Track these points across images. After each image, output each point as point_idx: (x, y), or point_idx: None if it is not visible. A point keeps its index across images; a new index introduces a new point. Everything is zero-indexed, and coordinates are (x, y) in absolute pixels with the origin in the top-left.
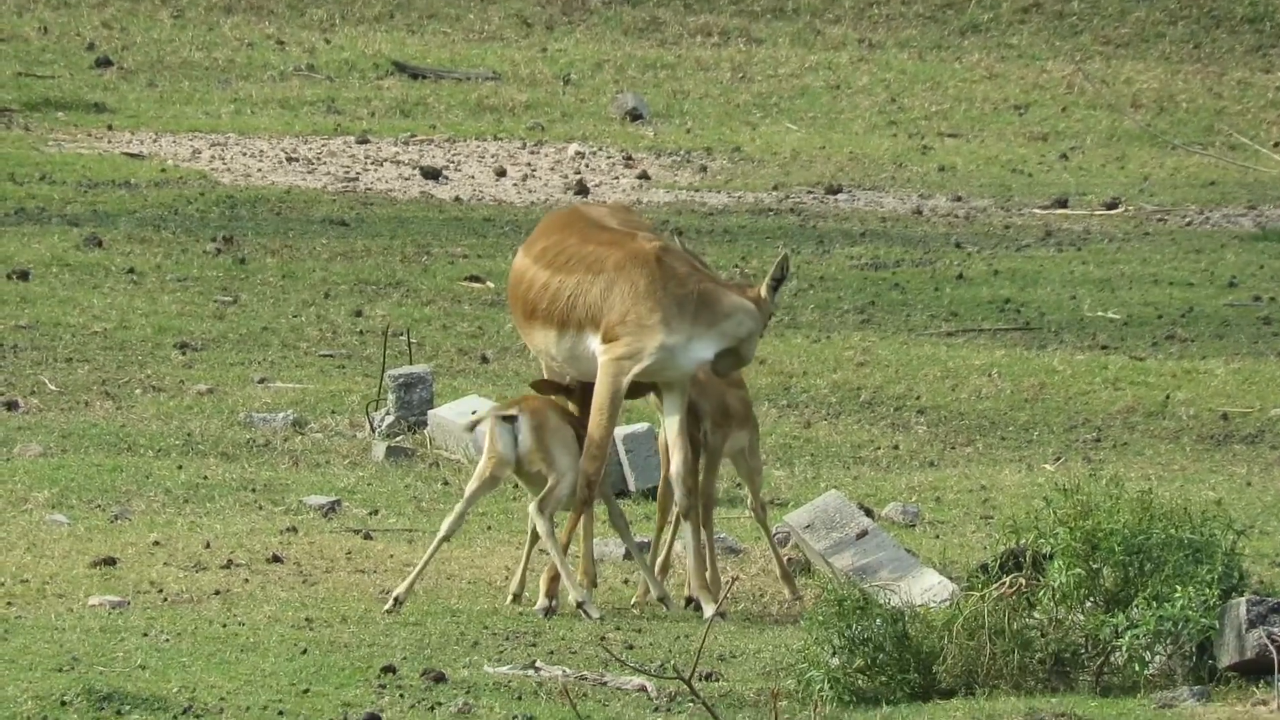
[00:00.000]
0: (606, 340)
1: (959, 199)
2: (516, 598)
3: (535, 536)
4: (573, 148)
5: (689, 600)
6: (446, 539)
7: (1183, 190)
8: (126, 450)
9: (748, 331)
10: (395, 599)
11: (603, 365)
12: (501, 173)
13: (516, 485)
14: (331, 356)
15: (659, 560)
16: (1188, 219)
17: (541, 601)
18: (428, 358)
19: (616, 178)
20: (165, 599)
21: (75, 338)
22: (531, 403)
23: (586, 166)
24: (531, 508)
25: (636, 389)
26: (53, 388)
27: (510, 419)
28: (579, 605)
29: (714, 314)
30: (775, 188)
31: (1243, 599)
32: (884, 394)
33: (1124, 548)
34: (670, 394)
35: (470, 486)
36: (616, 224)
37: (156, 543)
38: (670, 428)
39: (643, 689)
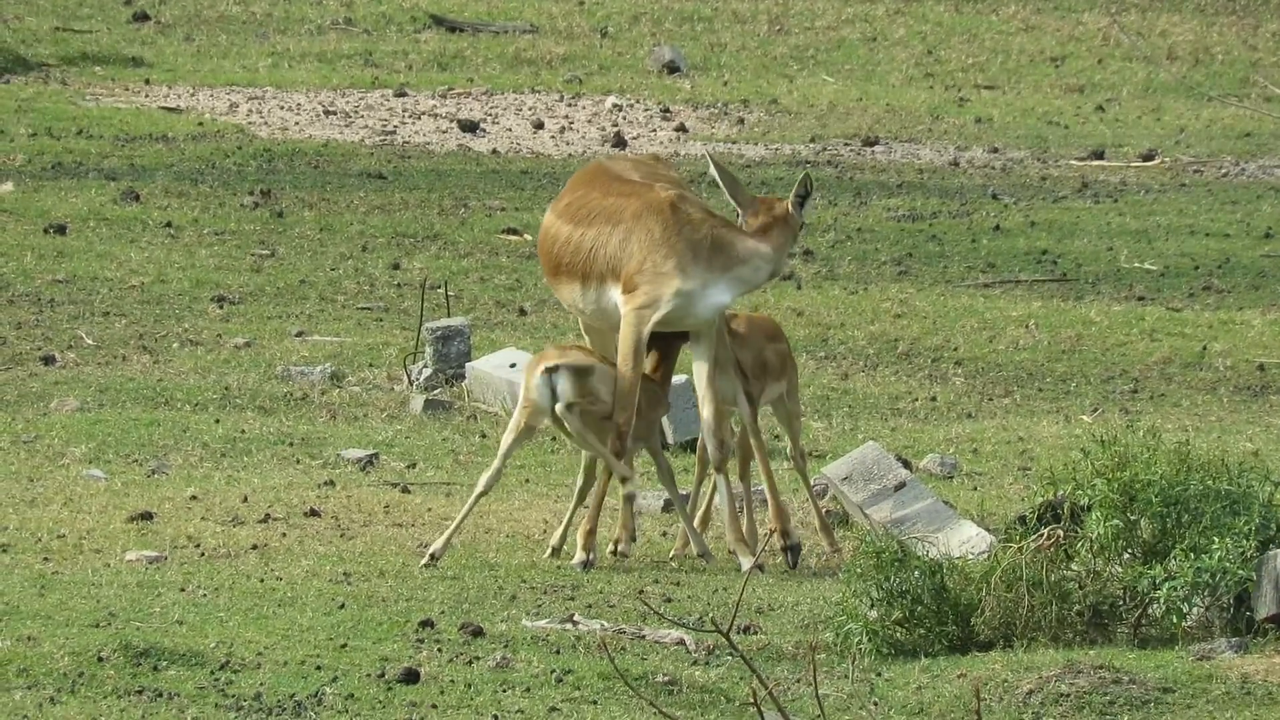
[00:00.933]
0: (626, 291)
1: (995, 151)
2: (556, 551)
3: (582, 492)
4: (610, 100)
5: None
6: (484, 494)
7: (1218, 142)
8: (163, 405)
9: (765, 276)
10: (432, 554)
11: (624, 316)
12: (539, 125)
13: (554, 438)
14: (369, 309)
15: (699, 514)
16: (1224, 170)
17: (579, 555)
18: (465, 310)
19: (654, 130)
20: (202, 554)
21: (112, 292)
22: (574, 353)
23: (624, 119)
24: (606, 454)
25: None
26: (90, 342)
27: (552, 369)
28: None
29: (729, 259)
30: (812, 140)
31: None
32: (921, 345)
33: (1161, 499)
34: (697, 343)
35: (506, 439)
36: (639, 176)
37: (193, 497)
38: (699, 377)
39: (681, 642)
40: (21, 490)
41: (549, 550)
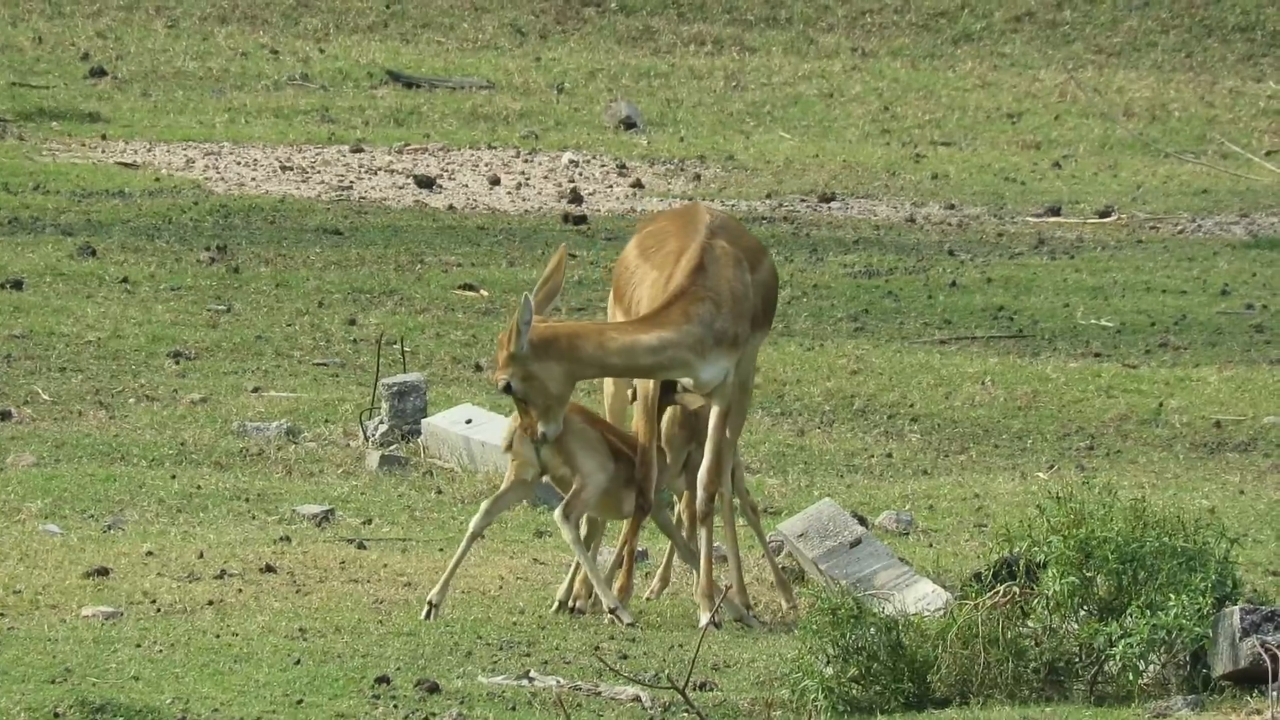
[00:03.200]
0: None
1: (952, 207)
2: (563, 605)
3: (587, 541)
4: (566, 156)
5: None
6: (477, 535)
7: (1175, 198)
8: (120, 460)
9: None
10: (430, 604)
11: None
12: (495, 181)
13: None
14: (325, 365)
15: (658, 570)
16: (1180, 227)
17: (616, 606)
18: (421, 366)
19: (610, 186)
20: (158, 609)
21: (69, 347)
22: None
23: (580, 175)
24: (556, 514)
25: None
26: (46, 397)
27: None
28: (611, 611)
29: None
30: (769, 196)
31: (1236, 608)
32: (877, 402)
33: (1117, 556)
34: (712, 394)
35: (501, 489)
36: (704, 229)
37: (150, 553)
38: (710, 425)
39: (637, 699)
40: None
41: (555, 604)
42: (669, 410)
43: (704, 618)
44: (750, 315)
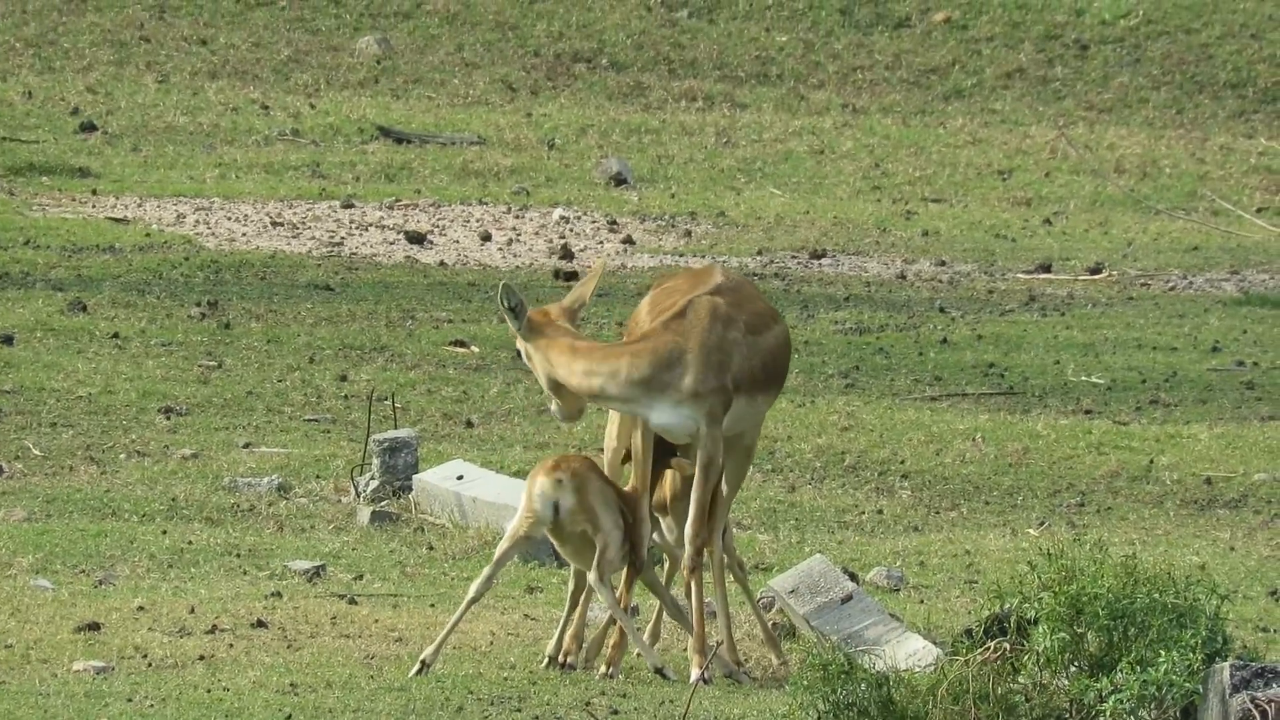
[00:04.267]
0: None
1: (943, 264)
2: (553, 660)
3: (574, 600)
4: (557, 212)
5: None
6: (476, 599)
7: (1166, 255)
8: (111, 515)
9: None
10: (423, 662)
11: None
12: (486, 237)
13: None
14: (316, 421)
15: (649, 626)
16: (1171, 284)
17: (601, 669)
18: (412, 422)
19: (601, 242)
20: (149, 664)
21: (59, 402)
22: (573, 462)
23: (571, 231)
24: (591, 578)
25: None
26: (37, 452)
27: (557, 480)
28: (658, 670)
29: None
30: (759, 252)
31: (1226, 664)
32: (868, 458)
33: (1108, 612)
34: (694, 446)
35: (502, 546)
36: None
37: (141, 608)
38: (694, 481)
39: None
40: None
41: (545, 659)
42: (667, 473)
43: (695, 673)
44: (737, 375)
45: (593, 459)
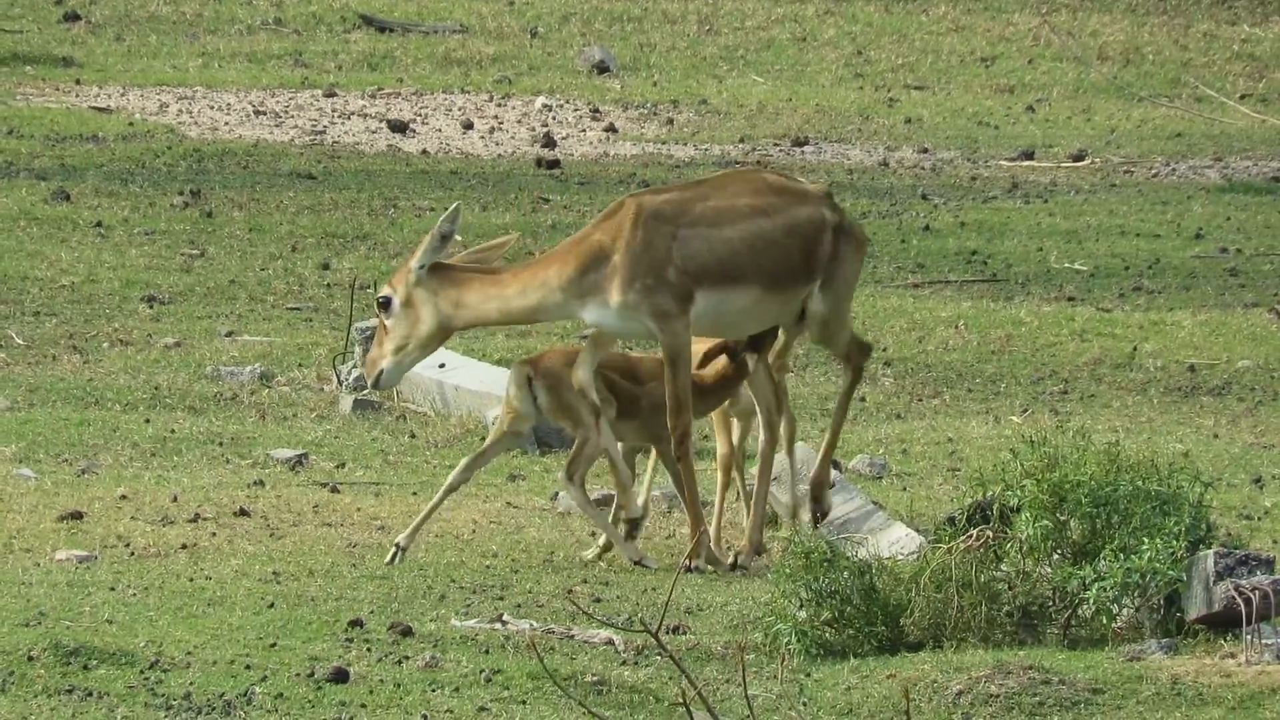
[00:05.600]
0: None
1: (925, 151)
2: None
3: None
4: (539, 101)
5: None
6: (453, 489)
7: (1149, 142)
8: (93, 404)
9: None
10: (398, 547)
11: None
12: (468, 126)
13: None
14: (299, 310)
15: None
16: (1154, 171)
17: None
18: None
19: (584, 130)
20: (132, 553)
21: (42, 291)
22: (549, 359)
23: (553, 119)
24: (560, 475)
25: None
26: (20, 342)
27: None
28: (636, 563)
29: None
30: (741, 140)
31: (1210, 551)
32: None
33: (1091, 500)
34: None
35: (489, 439)
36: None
37: (123, 497)
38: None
39: (610, 642)
40: None
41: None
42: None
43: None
44: (692, 270)
45: (573, 352)
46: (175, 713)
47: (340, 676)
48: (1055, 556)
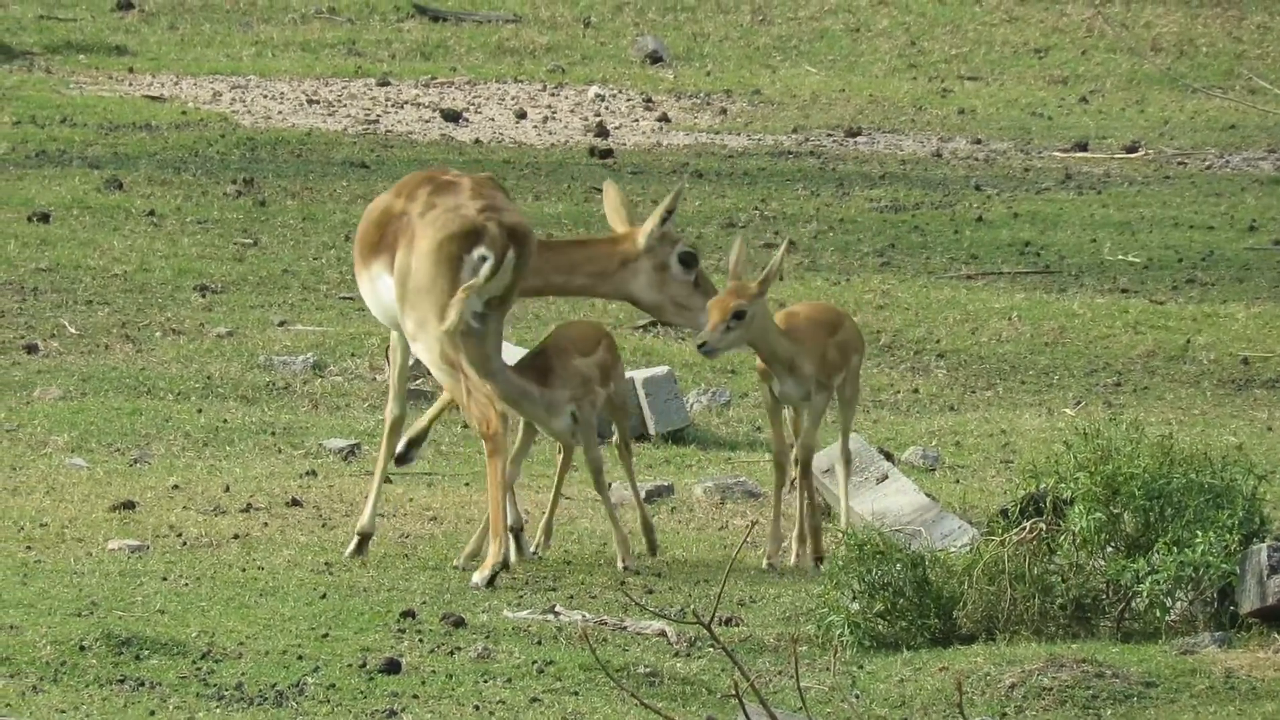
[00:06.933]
0: None
1: (979, 142)
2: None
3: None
4: (593, 90)
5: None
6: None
7: (1203, 134)
8: (146, 393)
9: None
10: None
11: None
12: (522, 115)
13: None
14: (351, 299)
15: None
16: (1208, 162)
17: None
18: None
19: (636, 120)
20: (184, 543)
21: (95, 280)
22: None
23: (606, 109)
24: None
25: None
26: (73, 330)
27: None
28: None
29: None
30: (795, 130)
31: (1264, 544)
32: (904, 337)
33: (1144, 492)
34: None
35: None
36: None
37: (175, 486)
38: None
39: (662, 633)
40: (4, 479)
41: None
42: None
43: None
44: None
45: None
46: (227, 703)
47: (392, 667)
48: (1108, 549)
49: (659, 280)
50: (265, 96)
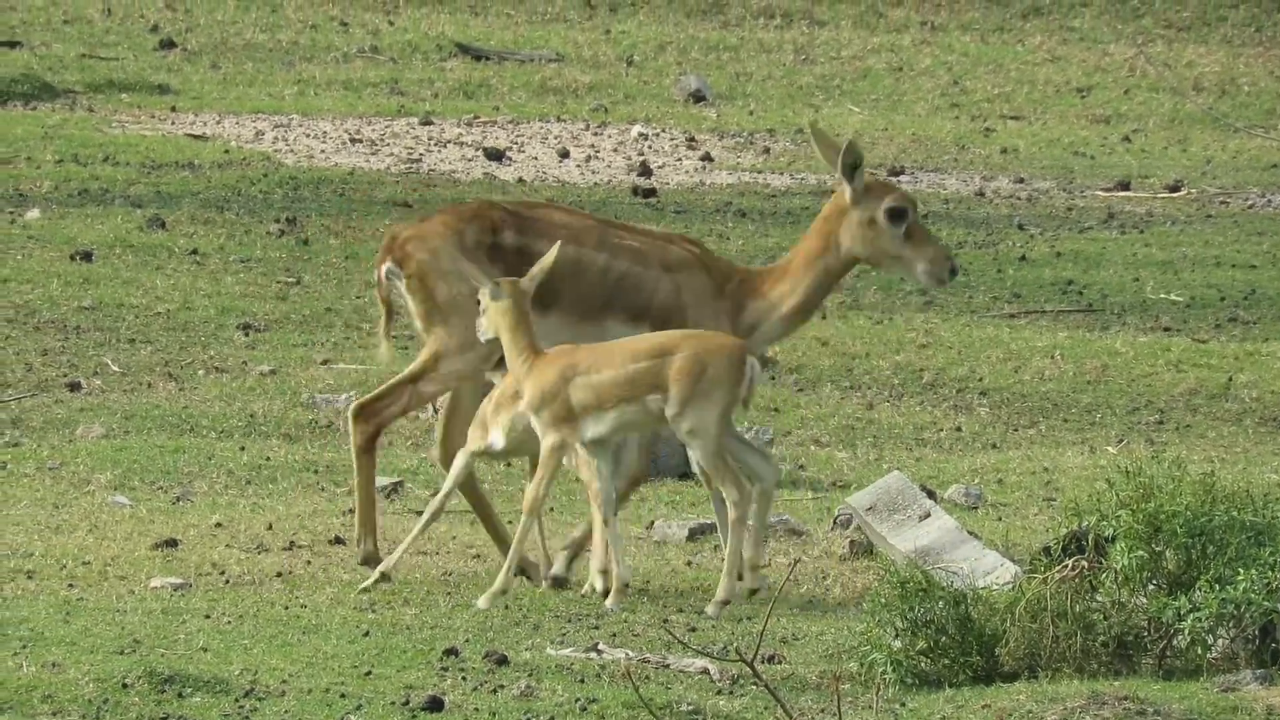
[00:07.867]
0: None
1: (1021, 181)
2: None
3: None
4: (636, 129)
5: None
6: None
7: (1245, 173)
8: (189, 431)
9: None
10: (383, 574)
11: None
12: (565, 154)
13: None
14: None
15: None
16: (1250, 202)
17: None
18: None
19: (679, 159)
20: (227, 581)
21: (138, 319)
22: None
23: (650, 148)
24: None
25: None
26: (115, 369)
27: None
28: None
29: None
30: None
31: None
32: (946, 375)
33: (1186, 530)
34: None
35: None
36: None
37: (218, 524)
38: None
39: (705, 671)
40: (47, 516)
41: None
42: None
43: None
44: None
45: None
46: None
47: (435, 705)
48: (1150, 587)
49: (869, 235)
50: (308, 135)
